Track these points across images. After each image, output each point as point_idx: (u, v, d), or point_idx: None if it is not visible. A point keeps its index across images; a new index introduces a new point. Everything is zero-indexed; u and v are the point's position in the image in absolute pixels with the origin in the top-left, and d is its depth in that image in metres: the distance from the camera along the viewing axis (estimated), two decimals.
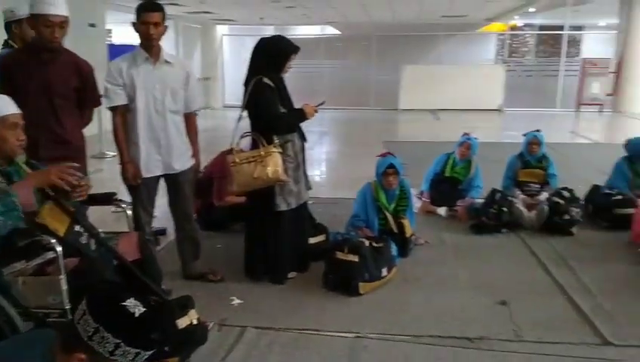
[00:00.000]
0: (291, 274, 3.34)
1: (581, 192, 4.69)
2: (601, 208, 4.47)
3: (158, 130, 3.02)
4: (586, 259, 3.72)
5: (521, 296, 3.14)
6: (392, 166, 3.75)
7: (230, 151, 3.19)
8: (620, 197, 4.45)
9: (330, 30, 19.52)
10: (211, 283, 3.27)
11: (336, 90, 15.35)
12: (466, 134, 4.99)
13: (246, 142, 3.26)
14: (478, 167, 4.87)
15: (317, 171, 7.02)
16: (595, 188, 4.71)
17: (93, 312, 1.20)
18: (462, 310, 2.99)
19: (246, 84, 3.16)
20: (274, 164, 2.99)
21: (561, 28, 15.24)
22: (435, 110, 13.84)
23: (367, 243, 3.31)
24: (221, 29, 16.43)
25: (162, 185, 3.22)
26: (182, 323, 2.25)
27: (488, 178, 4.94)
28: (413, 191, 4.82)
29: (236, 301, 3.06)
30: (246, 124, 3.20)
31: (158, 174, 3.10)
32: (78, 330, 1.20)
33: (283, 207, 3.16)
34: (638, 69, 12.97)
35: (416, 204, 4.81)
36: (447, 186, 4.80)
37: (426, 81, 14.22)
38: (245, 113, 3.19)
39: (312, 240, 3.55)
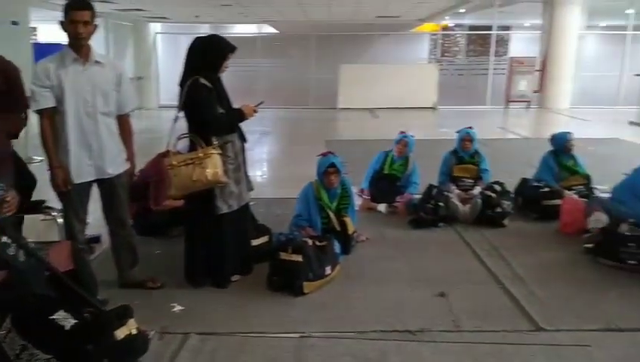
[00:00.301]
0: (234, 278, 3.29)
1: (511, 185, 4.91)
2: (530, 200, 4.71)
3: (88, 133, 2.88)
4: (518, 249, 3.91)
5: (458, 287, 3.26)
6: (333, 165, 3.78)
7: (167, 154, 3.10)
8: (547, 189, 4.71)
9: (269, 29, 19.44)
10: (151, 291, 3.17)
11: (276, 90, 15.29)
12: (402, 132, 5.11)
13: (183, 144, 3.17)
14: (415, 164, 5.00)
15: (259, 171, 6.97)
16: (524, 182, 4.95)
17: (19, 329, 1.13)
18: (403, 303, 3.06)
19: (181, 84, 3.08)
20: (213, 166, 2.94)
21: (489, 28, 15.92)
22: (373, 109, 14.09)
23: (310, 242, 3.32)
24: (154, 27, 15.94)
25: (95, 190, 3.08)
26: (120, 333, 2.17)
27: (425, 174, 5.08)
28: (354, 189, 4.89)
29: (177, 307, 2.98)
30: (183, 125, 3.12)
31: (90, 179, 2.96)
32: (4, 350, 1.13)
33: (224, 210, 3.11)
34: (561, 67, 13.77)
35: (357, 201, 4.87)
36: (387, 183, 4.90)
37: (363, 80, 14.43)
38: (182, 114, 3.11)
39: (255, 242, 3.53)
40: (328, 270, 3.30)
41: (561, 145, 5.01)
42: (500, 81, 14.97)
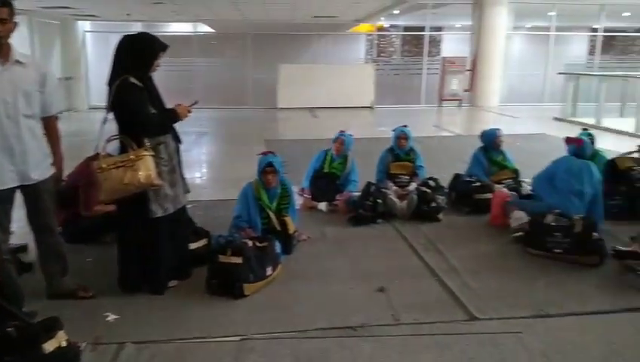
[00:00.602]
0: (172, 283, 3.20)
1: (445, 181, 5.08)
2: (463, 194, 4.89)
3: (10, 136, 2.71)
4: (452, 242, 4.05)
5: (397, 281, 3.33)
6: (270, 164, 3.76)
7: (96, 157, 2.97)
8: (478, 184, 4.90)
9: (205, 28, 19.08)
10: (82, 301, 3.02)
11: (213, 89, 15.05)
12: (342, 132, 5.16)
13: (113, 147, 3.05)
14: (354, 162, 5.06)
15: (197, 173, 6.82)
16: (457, 177, 5.13)
17: None
18: (345, 300, 3.09)
19: (110, 84, 2.96)
20: (146, 168, 2.84)
21: (423, 29, 16.39)
22: (312, 108, 14.16)
23: (250, 243, 3.29)
24: (83, 25, 15.26)
25: (19, 196, 2.90)
26: (49, 346, 2.07)
27: (364, 172, 5.16)
28: (295, 189, 4.89)
29: (112, 317, 2.86)
30: (113, 126, 3.00)
31: (12, 186, 2.78)
32: None
33: (159, 213, 3.01)
34: (490, 67, 14.38)
35: (298, 200, 4.88)
36: (327, 182, 4.93)
37: (302, 80, 14.47)
38: (111, 115, 2.99)
39: (193, 246, 3.45)
40: (269, 270, 3.27)
41: (490, 142, 5.23)
42: (433, 81, 15.44)
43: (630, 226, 3.82)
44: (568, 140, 4.27)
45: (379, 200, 4.55)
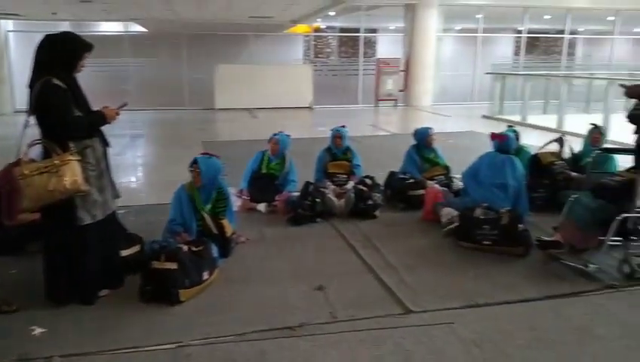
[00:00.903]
0: (103, 292, 3.08)
1: (382, 179, 5.20)
2: (398, 191, 5.02)
3: None
4: (388, 238, 4.14)
5: (335, 279, 3.36)
6: (195, 161, 3.71)
7: (18, 163, 2.81)
8: (412, 180, 5.04)
9: (138, 28, 18.46)
10: (6, 315, 2.86)
11: (148, 91, 14.61)
12: (281, 132, 5.15)
13: (36, 152, 2.89)
14: (292, 162, 5.08)
15: (132, 177, 6.60)
16: (392, 174, 5.26)
17: None
18: (283, 300, 3.09)
19: (31, 85, 2.81)
20: (72, 174, 2.72)
21: (358, 30, 16.65)
22: (251, 109, 14.05)
23: (185, 248, 3.22)
24: (5, 25, 14.37)
25: None
26: None
27: (304, 172, 5.20)
28: (232, 190, 4.84)
29: (38, 330, 2.72)
30: (37, 130, 2.84)
31: None
32: None
33: (87, 220, 2.89)
34: (423, 68, 14.83)
35: (237, 202, 4.84)
36: (265, 183, 4.91)
37: (240, 80, 14.33)
38: (33, 118, 2.83)
39: (125, 253, 3.33)
40: (206, 275, 3.22)
41: (422, 140, 5.39)
42: (370, 81, 15.73)
43: (553, 217, 4.03)
44: (493, 136, 4.48)
45: (317, 200, 4.58)
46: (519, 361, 2.50)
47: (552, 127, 9.89)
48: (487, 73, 13.30)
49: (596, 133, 4.95)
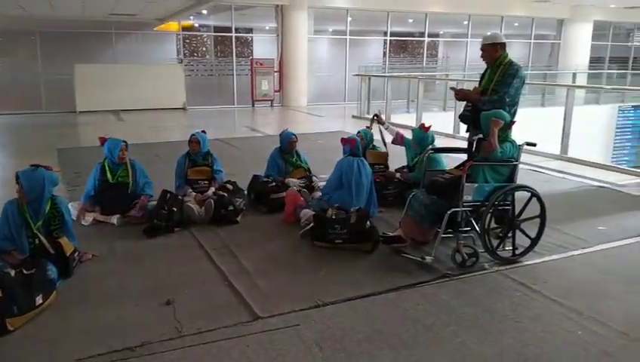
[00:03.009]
0: None
1: (247, 183, 5.20)
2: (261, 195, 5.04)
3: None
4: (248, 244, 4.14)
5: (186, 292, 3.28)
6: (17, 176, 3.43)
7: None
8: (274, 184, 5.09)
9: None
10: None
11: None
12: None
13: None
14: (138, 166, 4.84)
15: None
16: (255, 178, 5.27)
17: None
18: (127, 320, 2.94)
19: None
20: None
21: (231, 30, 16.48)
22: (117, 111, 13.30)
23: (13, 272, 2.94)
24: None
25: None
26: None
27: (169, 178, 5.08)
28: (75, 205, 4.55)
29: None
30: None
31: None
32: None
33: None
34: (296, 68, 15.08)
35: (88, 216, 4.55)
36: (116, 193, 4.64)
37: (105, 81, 13.51)
38: None
39: None
40: (39, 299, 2.97)
41: (285, 143, 5.48)
42: (247, 82, 15.64)
43: (400, 212, 4.29)
44: (343, 141, 4.67)
45: (174, 209, 4.44)
46: (357, 356, 2.61)
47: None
48: (355, 75, 13.86)
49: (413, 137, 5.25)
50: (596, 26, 20.17)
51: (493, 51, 4.11)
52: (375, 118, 5.67)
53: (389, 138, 5.71)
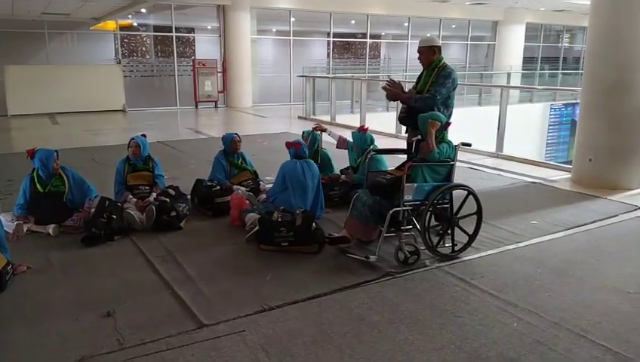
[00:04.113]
0: None
1: (190, 187, 5.11)
2: (205, 199, 4.97)
3: None
4: (192, 250, 4.07)
5: (127, 302, 3.19)
6: None
7: None
8: (218, 187, 5.04)
9: None
10: None
11: None
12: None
13: None
14: (72, 173, 4.65)
15: None
16: (199, 182, 5.19)
17: None
18: (64, 335, 2.83)
19: None
20: None
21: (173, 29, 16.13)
22: (52, 114, 12.73)
23: None
24: None
25: None
26: None
27: (108, 183, 4.96)
28: (6, 216, 4.34)
29: None
30: None
31: None
32: None
33: None
34: (240, 69, 14.95)
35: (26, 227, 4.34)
36: (51, 202, 4.44)
37: (38, 83, 12.93)
38: None
39: None
40: None
41: (229, 145, 5.42)
42: (190, 82, 15.35)
43: (346, 213, 4.34)
44: (288, 145, 4.68)
45: (114, 216, 4.31)
46: (303, 358, 2.63)
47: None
48: (299, 76, 13.90)
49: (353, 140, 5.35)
50: (529, 27, 21.16)
51: (430, 54, 4.25)
52: (315, 129, 5.68)
53: (333, 143, 5.76)
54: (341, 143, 5.59)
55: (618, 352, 2.68)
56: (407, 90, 4.47)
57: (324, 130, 5.75)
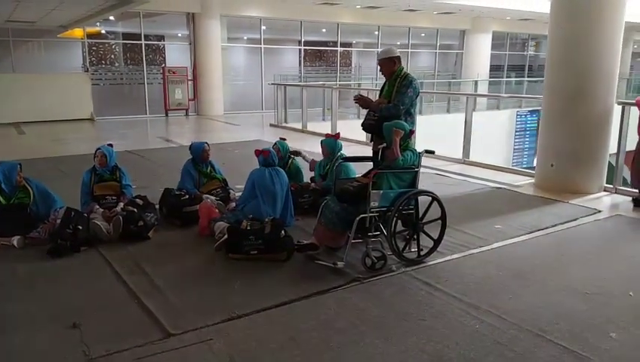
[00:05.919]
0: None
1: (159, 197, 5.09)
2: (173, 208, 4.95)
3: None
4: (161, 260, 4.06)
5: (94, 313, 3.17)
6: None
7: None
8: (187, 196, 5.03)
9: None
10: None
11: None
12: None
13: None
14: (37, 185, 4.61)
15: None
16: (167, 191, 5.16)
17: None
18: (30, 347, 2.80)
19: None
20: None
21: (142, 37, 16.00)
22: (18, 123, 12.46)
23: None
24: None
25: None
26: None
27: (74, 193, 4.89)
28: None
29: None
30: None
31: None
32: None
33: None
34: (211, 77, 14.92)
35: None
36: (14, 214, 4.37)
37: (2, 92, 12.68)
38: None
39: None
40: None
41: (198, 154, 5.42)
42: (159, 90, 15.22)
43: (316, 220, 4.40)
44: (257, 153, 4.71)
45: (80, 227, 4.26)
46: None
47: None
48: (270, 84, 13.95)
49: (324, 146, 5.41)
50: (495, 36, 21.71)
51: (390, 65, 4.37)
52: (292, 154, 5.70)
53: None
54: (312, 165, 5.64)
55: (575, 351, 2.79)
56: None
57: (299, 154, 5.76)
